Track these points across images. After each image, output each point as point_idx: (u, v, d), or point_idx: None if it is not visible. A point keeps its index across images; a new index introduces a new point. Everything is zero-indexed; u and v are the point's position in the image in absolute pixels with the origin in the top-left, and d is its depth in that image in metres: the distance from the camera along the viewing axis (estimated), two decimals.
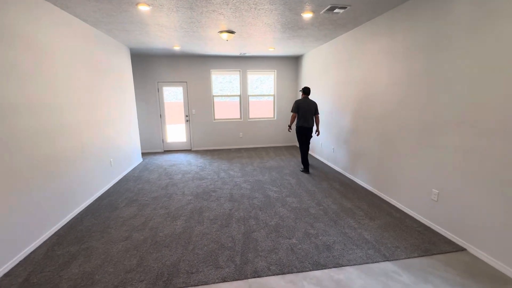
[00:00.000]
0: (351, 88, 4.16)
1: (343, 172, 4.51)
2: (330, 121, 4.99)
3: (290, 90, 7.01)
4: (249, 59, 6.64)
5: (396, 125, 3.12)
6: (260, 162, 5.45)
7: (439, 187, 2.54)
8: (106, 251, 2.35)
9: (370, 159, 3.69)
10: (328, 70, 5.02)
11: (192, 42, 4.79)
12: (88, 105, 3.50)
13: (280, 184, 4.04)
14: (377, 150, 3.51)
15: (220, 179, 4.35)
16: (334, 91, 4.79)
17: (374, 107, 3.55)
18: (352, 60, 4.09)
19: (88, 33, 3.55)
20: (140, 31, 4.00)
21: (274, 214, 3.03)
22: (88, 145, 3.46)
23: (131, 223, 2.86)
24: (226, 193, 3.70)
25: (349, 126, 4.25)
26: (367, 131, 3.73)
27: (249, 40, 4.71)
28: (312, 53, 5.80)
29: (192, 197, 3.59)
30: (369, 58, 3.62)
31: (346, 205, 3.25)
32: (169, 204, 3.35)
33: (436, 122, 2.54)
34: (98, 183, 3.68)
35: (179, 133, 6.83)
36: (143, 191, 3.85)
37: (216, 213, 3.08)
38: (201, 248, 2.37)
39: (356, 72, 3.98)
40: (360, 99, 3.89)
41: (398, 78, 3.07)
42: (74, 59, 3.20)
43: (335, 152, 4.84)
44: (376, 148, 3.54)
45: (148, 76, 6.32)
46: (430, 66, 2.59)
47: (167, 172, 4.77)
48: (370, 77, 3.63)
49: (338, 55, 4.57)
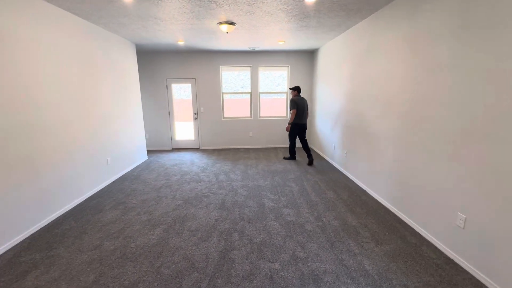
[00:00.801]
0: (366, 85, 3.61)
1: (355, 180, 3.98)
2: (343, 122, 4.45)
3: (304, 87, 6.50)
4: (260, 54, 6.25)
5: (418, 130, 2.57)
6: (266, 164, 5.07)
7: (467, 211, 1.99)
8: (69, 262, 2.16)
9: (386, 168, 3.15)
10: (341, 65, 4.47)
11: (195, 36, 4.53)
12: (81, 102, 3.39)
13: (280, 192, 3.64)
14: (395, 158, 2.96)
15: (218, 182, 4.06)
16: (348, 89, 4.24)
17: (392, 108, 3.00)
18: (368, 53, 3.53)
19: (81, 28, 3.43)
20: (137, 25, 3.82)
21: (263, 228, 2.66)
22: (78, 144, 3.35)
23: (107, 230, 2.67)
24: (218, 200, 3.39)
25: (364, 128, 3.70)
26: (384, 135, 3.18)
27: (254, 33, 4.33)
28: (327, 46, 5.26)
29: (182, 202, 3.34)
30: (387, 50, 3.06)
31: (350, 221, 2.77)
32: (155, 209, 3.13)
33: (472, 130, 1.98)
34: (90, 182, 3.58)
35: (187, 131, 6.68)
36: (135, 192, 3.69)
37: (199, 223, 2.78)
38: (168, 266, 2.09)
39: (372, 67, 3.42)
40: (377, 98, 3.33)
41: (420, 73, 2.50)
42: (63, 54, 3.08)
43: (347, 156, 4.31)
44: (393, 156, 2.99)
45: (157, 72, 6.22)
46: (466, 59, 2.03)
47: (166, 172, 4.60)
48: (387, 72, 3.07)
49: (353, 48, 4.01)
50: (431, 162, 2.36)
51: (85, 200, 3.40)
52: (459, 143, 2.04)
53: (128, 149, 4.77)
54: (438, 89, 2.26)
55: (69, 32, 3.19)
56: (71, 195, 3.20)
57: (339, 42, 4.61)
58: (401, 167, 2.81)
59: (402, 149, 2.79)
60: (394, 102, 2.93)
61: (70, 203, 3.18)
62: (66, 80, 3.13)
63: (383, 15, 3.13)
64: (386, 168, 3.11)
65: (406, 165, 2.73)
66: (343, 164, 4.51)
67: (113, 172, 4.23)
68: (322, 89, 5.64)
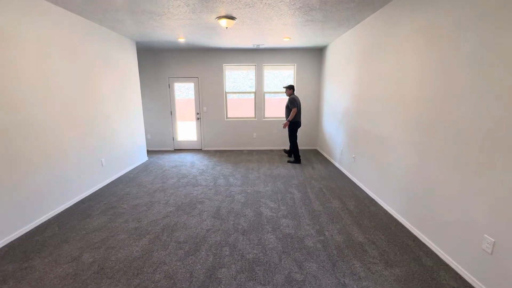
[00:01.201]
0: (376, 84, 3.28)
1: (364, 188, 3.65)
2: (351, 124, 4.12)
3: (312, 86, 6.19)
4: (265, 52, 5.98)
5: (437, 135, 2.24)
6: (268, 168, 4.81)
7: (497, 235, 1.66)
8: (41, 276, 1.97)
9: (399, 176, 2.82)
10: (350, 63, 4.14)
11: (195, 33, 4.32)
12: (72, 100, 3.24)
13: (280, 199, 3.37)
14: (411, 166, 2.64)
15: (215, 187, 3.83)
16: (356, 88, 3.91)
17: (406, 109, 2.67)
18: (378, 49, 3.20)
19: (74, 24, 3.27)
20: (133, 21, 3.64)
21: (258, 242, 2.40)
22: (68, 145, 3.19)
23: (90, 238, 2.48)
24: (213, 207, 3.16)
25: (374, 131, 3.38)
26: (397, 139, 2.85)
27: (257, 29, 4.08)
28: (336, 43, 4.93)
29: (174, 208, 3.12)
30: (400, 45, 2.73)
31: (356, 237, 2.47)
32: (145, 216, 2.93)
33: (506, 135, 1.66)
34: (81, 185, 3.43)
35: (190, 132, 6.50)
36: (127, 196, 3.51)
37: (189, 233, 2.56)
38: (146, 286, 1.86)
39: (383, 64, 3.09)
40: (388, 98, 3.01)
41: (439, 68, 2.18)
42: (52, 49, 2.92)
43: (356, 162, 3.98)
44: (409, 164, 2.67)
45: (160, 71, 6.06)
46: (498, 50, 1.70)
47: (164, 175, 4.41)
48: (399, 70, 2.74)
49: (362, 44, 3.68)
50: (452, 172, 2.03)
51: (75, 204, 3.25)
52: (488, 150, 1.72)
53: (126, 149, 4.62)
54: (461, 86, 1.93)
55: (60, 27, 3.03)
56: (60, 199, 3.05)
57: (348, 38, 4.28)
58: (416, 176, 2.48)
59: (418, 156, 2.46)
60: (407, 102, 2.61)
61: (58, 207, 3.02)
62: (54, 77, 2.98)
63: (396, 6, 2.80)
64: (399, 177, 2.79)
65: (422, 174, 2.40)
66: (351, 170, 4.18)
67: (109, 174, 4.08)
68: (330, 89, 5.32)
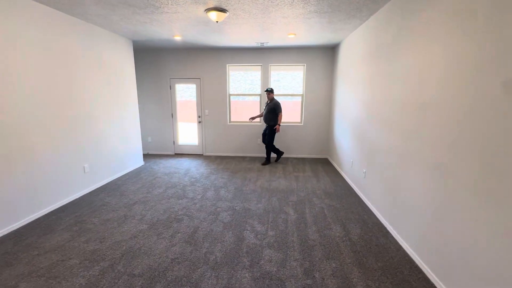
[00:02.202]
0: (393, 86, 2.68)
1: (374, 211, 3.04)
2: (363, 133, 3.51)
3: (323, 89, 5.59)
4: (271, 51, 5.50)
5: (464, 154, 1.64)
6: (267, 179, 4.31)
7: None
8: None
9: (420, 206, 2.21)
10: (363, 62, 3.54)
11: (189, 29, 3.95)
12: (42, 102, 2.97)
13: (271, 221, 2.87)
14: (434, 197, 2.03)
15: (202, 201, 3.40)
16: (370, 91, 3.31)
17: (431, 116, 2.07)
18: (395, 44, 2.61)
19: (49, 19, 3.02)
20: (119, 16, 3.34)
21: (227, 283, 1.92)
22: (42, 150, 2.93)
23: (38, 262, 2.14)
24: (190, 227, 2.73)
25: (388, 144, 2.77)
26: (420, 155, 2.24)
27: (254, 23, 3.61)
28: (349, 40, 4.33)
29: (147, 226, 2.74)
30: (424, 35, 2.14)
31: (355, 283, 1.91)
32: (111, 235, 2.56)
33: None
34: (56, 194, 3.16)
35: (191, 136, 6.17)
36: (103, 208, 3.18)
37: (150, 263, 2.14)
38: None
39: (401, 62, 2.50)
40: (406, 102, 2.41)
41: (480, 62, 1.58)
42: (19, 45, 2.67)
43: (367, 178, 3.37)
44: (434, 190, 2.06)
45: (161, 72, 5.80)
46: None
47: (152, 183, 4.07)
48: (423, 67, 2.15)
49: (377, 39, 3.09)
50: (485, 198, 1.43)
51: (45, 215, 2.97)
52: None
53: (117, 154, 4.35)
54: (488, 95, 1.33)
55: (32, 23, 2.78)
56: (25, 210, 2.78)
57: (361, 33, 3.68)
58: (443, 212, 1.88)
59: (444, 186, 1.85)
60: (432, 107, 2.01)
61: (21, 220, 2.75)
62: (26, 75, 2.72)
63: None
64: (419, 207, 2.18)
65: (445, 200, 1.80)
66: (361, 186, 3.57)
67: (93, 181, 3.81)
68: (342, 92, 4.71)
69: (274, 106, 4.95)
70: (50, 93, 3.05)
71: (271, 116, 4.98)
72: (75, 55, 3.41)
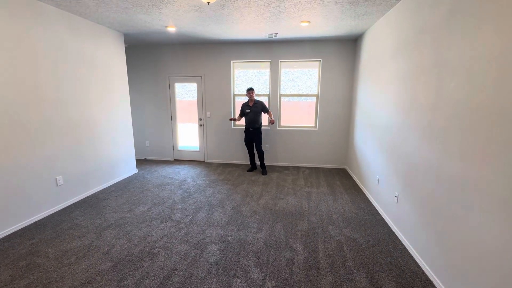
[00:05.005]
0: (445, 84, 1.90)
1: (412, 252, 2.25)
2: (396, 145, 2.72)
3: (341, 89, 4.80)
4: (281, 44, 4.78)
5: None
6: (274, 195, 3.60)
7: None
8: None
9: (490, 254, 1.43)
10: (393, 55, 2.75)
11: (180, 17, 3.33)
12: (4, 103, 2.45)
13: (272, 261, 2.17)
14: (496, 235, 1.25)
15: (190, 225, 2.76)
16: (406, 92, 2.52)
17: (498, 129, 1.29)
18: (450, 23, 1.82)
19: (16, 7, 2.49)
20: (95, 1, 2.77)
21: None
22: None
23: None
24: (165, 268, 2.08)
25: (437, 164, 1.99)
26: (492, 188, 1.46)
27: (259, 8, 2.92)
28: (375, 27, 3.54)
29: (110, 265, 2.12)
30: (498, 7, 1.36)
31: None
32: (60, 278, 1.97)
33: None
34: (16, 214, 2.63)
35: (192, 140, 5.57)
36: (69, 232, 2.62)
37: None
38: None
39: (461, 48, 1.71)
40: (471, 108, 1.63)
41: None
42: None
43: (400, 204, 2.58)
44: (493, 228, 1.28)
45: (159, 69, 5.24)
46: None
47: (138, 198, 3.49)
48: (497, 54, 1.36)
49: (416, 20, 2.30)
50: None
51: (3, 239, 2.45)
52: None
53: (102, 163, 3.81)
54: None
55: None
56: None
57: (392, 18, 2.89)
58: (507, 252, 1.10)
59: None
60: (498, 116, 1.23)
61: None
62: None
63: None
64: (490, 255, 1.40)
65: None
66: (392, 214, 2.78)
67: (68, 195, 3.27)
68: (366, 92, 3.92)
69: (261, 106, 4.53)
70: (15, 91, 2.51)
71: (258, 118, 4.53)
72: (43, 48, 2.87)
